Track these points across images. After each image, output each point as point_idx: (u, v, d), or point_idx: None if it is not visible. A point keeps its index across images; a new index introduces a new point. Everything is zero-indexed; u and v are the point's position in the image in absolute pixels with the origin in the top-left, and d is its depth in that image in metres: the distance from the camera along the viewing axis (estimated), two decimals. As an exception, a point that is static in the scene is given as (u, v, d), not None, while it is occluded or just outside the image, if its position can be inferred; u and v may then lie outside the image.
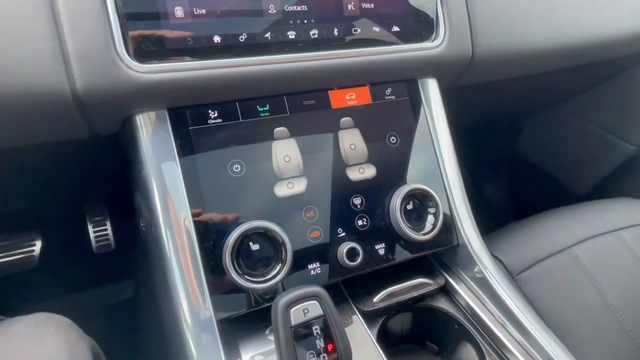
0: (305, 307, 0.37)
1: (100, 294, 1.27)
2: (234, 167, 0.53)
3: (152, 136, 0.50)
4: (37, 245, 1.07)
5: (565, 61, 0.86)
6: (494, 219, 1.12)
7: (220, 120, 0.54)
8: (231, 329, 0.51)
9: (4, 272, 1.02)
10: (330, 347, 0.37)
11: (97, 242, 1.11)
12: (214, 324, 0.46)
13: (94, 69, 0.44)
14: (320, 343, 0.37)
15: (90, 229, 1.11)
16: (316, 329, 0.37)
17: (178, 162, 0.50)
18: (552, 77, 0.94)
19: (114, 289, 1.28)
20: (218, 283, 0.49)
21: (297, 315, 0.37)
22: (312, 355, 0.36)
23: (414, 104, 0.64)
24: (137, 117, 0.50)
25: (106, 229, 1.12)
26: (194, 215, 0.50)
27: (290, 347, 0.36)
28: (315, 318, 0.37)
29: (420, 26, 0.61)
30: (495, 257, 0.81)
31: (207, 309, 0.46)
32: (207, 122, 0.53)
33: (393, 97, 0.63)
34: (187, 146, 0.51)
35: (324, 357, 0.37)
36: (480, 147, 1.51)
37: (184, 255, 0.48)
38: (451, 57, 0.64)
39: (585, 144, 1.26)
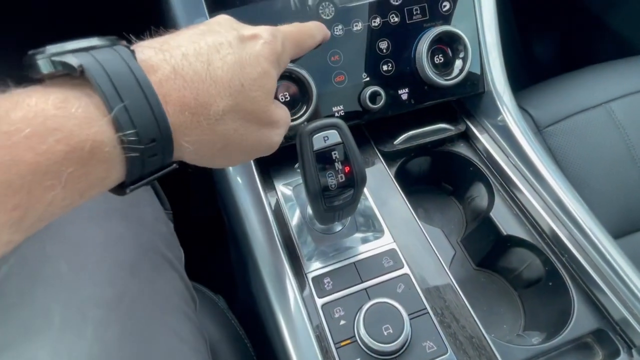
0: (326, 135, 0.41)
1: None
2: (258, 8, 0.53)
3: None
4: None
5: None
6: (541, 80, 1.07)
7: (242, -45, 0.51)
8: (265, 164, 0.58)
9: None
10: (347, 169, 0.42)
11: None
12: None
13: None
14: (338, 165, 0.42)
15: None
16: (335, 153, 0.42)
17: (206, 11, 0.51)
18: None
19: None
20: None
21: (318, 141, 0.41)
22: (331, 176, 0.42)
23: None
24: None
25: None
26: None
27: (313, 168, 0.41)
28: (334, 145, 0.42)
29: None
30: (523, 109, 0.80)
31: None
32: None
33: None
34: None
35: (341, 176, 0.42)
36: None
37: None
38: None
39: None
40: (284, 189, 0.57)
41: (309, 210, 0.54)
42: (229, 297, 0.68)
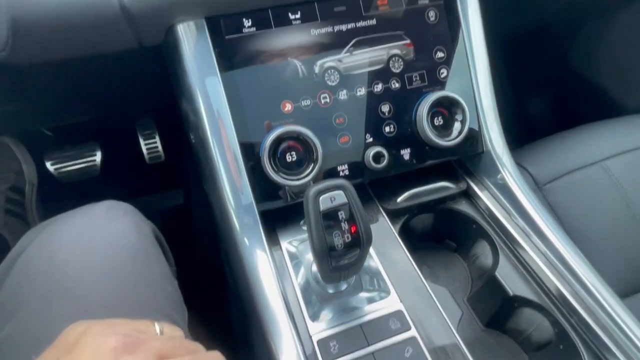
0: (332, 195, 0.43)
1: (154, 200, 1.42)
2: (268, 75, 0.56)
3: (193, 45, 0.54)
4: (98, 156, 1.19)
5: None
6: (535, 136, 1.11)
7: (254, 28, 0.56)
8: (271, 221, 0.59)
9: (70, 179, 1.17)
10: (353, 228, 0.43)
11: (148, 153, 1.22)
12: (255, 210, 0.53)
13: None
14: (344, 225, 0.43)
15: (142, 142, 1.21)
16: (341, 214, 0.43)
17: (219, 74, 0.54)
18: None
19: (167, 196, 1.42)
20: (258, 180, 0.55)
21: (325, 202, 0.42)
22: (337, 235, 0.43)
23: (447, 6, 0.63)
24: (178, 27, 0.53)
25: (155, 142, 1.22)
26: (235, 123, 0.55)
27: (320, 227, 0.42)
28: (341, 205, 0.43)
29: None
30: (522, 167, 0.83)
31: (248, 197, 0.53)
32: (242, 31, 0.56)
33: (426, 0, 0.61)
34: (224, 55, 0.55)
35: (347, 236, 0.43)
36: (528, 59, 1.42)
37: (231, 158, 0.55)
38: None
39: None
40: (289, 246, 0.57)
41: (314, 268, 0.54)
42: (228, 354, 0.66)
